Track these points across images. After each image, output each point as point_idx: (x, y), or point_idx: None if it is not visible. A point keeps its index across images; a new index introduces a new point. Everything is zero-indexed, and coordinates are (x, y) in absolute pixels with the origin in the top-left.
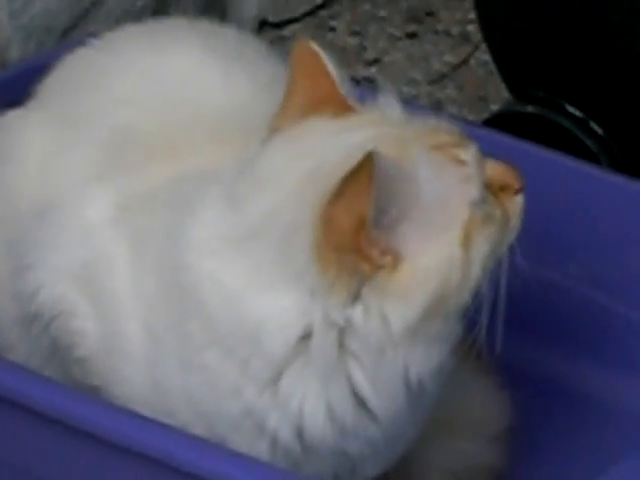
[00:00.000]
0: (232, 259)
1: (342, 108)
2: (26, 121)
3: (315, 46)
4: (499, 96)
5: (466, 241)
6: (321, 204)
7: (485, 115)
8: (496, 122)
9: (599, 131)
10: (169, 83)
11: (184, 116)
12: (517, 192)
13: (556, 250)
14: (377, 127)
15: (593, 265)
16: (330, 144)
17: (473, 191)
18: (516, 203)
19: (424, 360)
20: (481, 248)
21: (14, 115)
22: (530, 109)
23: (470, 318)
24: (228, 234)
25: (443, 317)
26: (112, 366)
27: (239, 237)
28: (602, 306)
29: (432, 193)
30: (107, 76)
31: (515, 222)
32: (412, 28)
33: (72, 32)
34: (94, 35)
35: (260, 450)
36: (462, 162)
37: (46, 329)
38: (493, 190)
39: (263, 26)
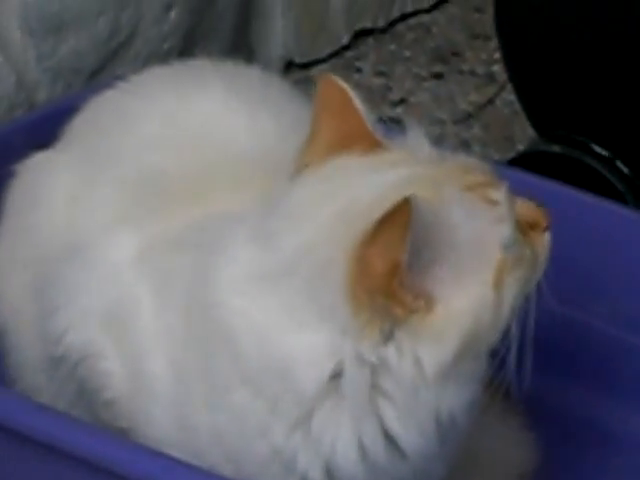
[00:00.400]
0: (263, 296)
1: (371, 144)
2: (53, 163)
3: (341, 82)
4: (525, 135)
5: (498, 282)
6: (355, 244)
7: (511, 154)
8: (522, 161)
9: (625, 170)
10: (193, 127)
11: (208, 160)
12: (545, 230)
13: (583, 289)
14: (408, 166)
15: (620, 304)
16: (362, 183)
17: (505, 231)
18: (544, 241)
19: (455, 399)
20: (512, 288)
21: (41, 157)
22: (556, 148)
23: (498, 357)
24: (259, 271)
25: (475, 357)
26: (139, 407)
27: (270, 274)
28: (631, 345)
29: (465, 235)
30: (133, 119)
31: (543, 259)
32: (438, 68)
33: (100, 74)
34: (121, 77)
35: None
36: (494, 202)
37: (73, 372)
38: (522, 228)
39: (289, 67)
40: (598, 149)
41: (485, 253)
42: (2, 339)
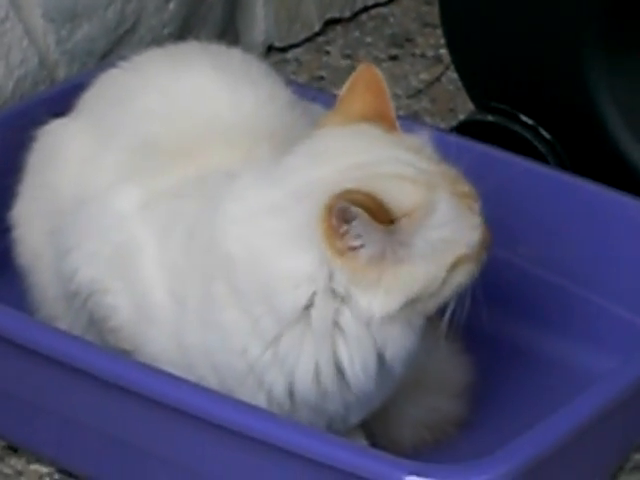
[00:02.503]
0: (263, 226)
1: (390, 126)
2: (68, 130)
3: (378, 71)
4: (466, 108)
5: (453, 268)
6: (333, 195)
7: (454, 123)
8: (463, 129)
9: (547, 136)
10: (184, 98)
11: (198, 125)
12: (486, 250)
13: (508, 236)
14: (418, 154)
15: (537, 248)
16: (378, 149)
17: (475, 236)
18: (484, 258)
19: (397, 344)
20: (459, 276)
21: (57, 124)
22: (490, 118)
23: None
24: (263, 205)
25: (416, 315)
26: (142, 332)
27: (273, 207)
28: (548, 282)
29: (445, 229)
30: (134, 93)
31: (477, 270)
32: (394, 52)
33: (109, 55)
34: (126, 58)
35: (259, 402)
36: (473, 211)
37: (84, 304)
38: None
39: (270, 50)
40: (524, 118)
41: (455, 246)
42: (26, 277)
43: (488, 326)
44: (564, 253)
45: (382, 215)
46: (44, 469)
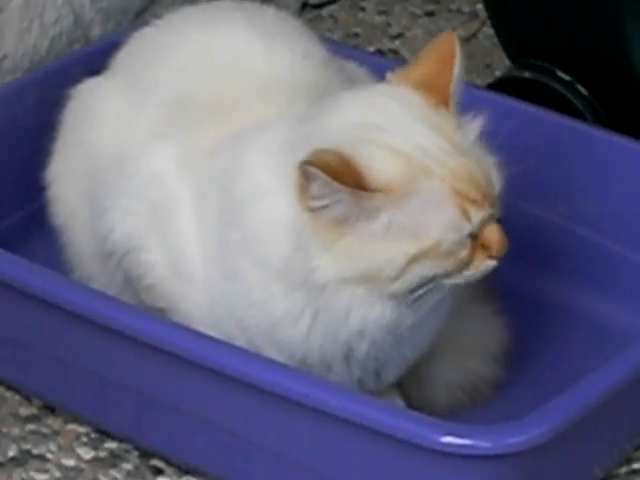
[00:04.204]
0: (268, 170)
1: (444, 102)
2: (103, 88)
3: (458, 44)
4: (502, 64)
5: (414, 259)
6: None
7: (490, 80)
8: (499, 86)
9: (584, 92)
10: (219, 55)
11: (233, 81)
12: (491, 257)
13: (546, 192)
14: (445, 138)
15: (575, 205)
16: (399, 118)
17: (450, 238)
18: (485, 264)
19: (364, 311)
20: (425, 269)
21: (92, 82)
22: (527, 74)
23: None
24: (272, 150)
25: (379, 290)
26: (176, 290)
27: (279, 152)
28: (583, 239)
29: (416, 218)
30: (168, 50)
31: (473, 274)
32: (430, 7)
33: (144, 14)
34: (159, 16)
35: (284, 361)
36: (467, 216)
37: (120, 263)
38: (476, 240)
39: (304, 7)
40: (561, 74)
41: (420, 239)
42: (61, 237)
43: (525, 284)
44: (602, 210)
45: (348, 179)
46: (81, 429)
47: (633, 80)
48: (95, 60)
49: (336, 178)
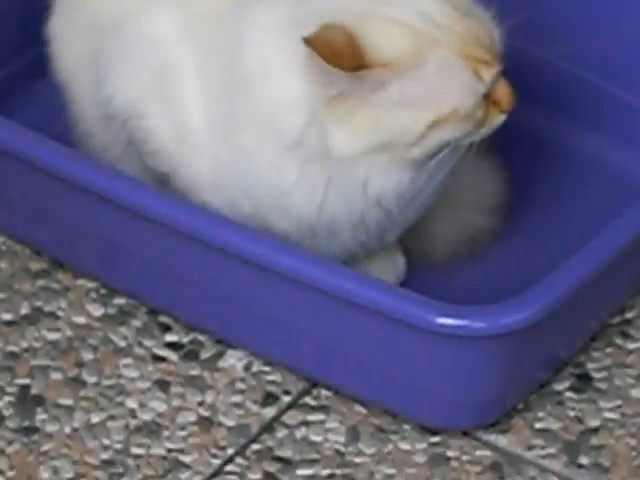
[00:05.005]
0: (276, 44)
1: None
2: None
3: None
4: None
5: (434, 124)
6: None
7: None
8: None
9: None
10: None
11: None
12: (502, 112)
13: (550, 32)
14: (448, 4)
15: (580, 46)
16: None
17: (468, 102)
18: (497, 119)
19: (382, 180)
20: (445, 134)
21: None
22: None
23: None
24: (280, 22)
25: (396, 157)
26: (181, 156)
27: (287, 26)
28: (583, 80)
29: (428, 86)
30: None
31: (487, 131)
32: None
33: None
34: None
35: (290, 229)
36: (479, 78)
37: (122, 126)
38: (488, 98)
39: None
40: None
41: (436, 106)
42: (64, 91)
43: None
44: (599, 52)
45: (349, 60)
46: (90, 284)
47: None
48: None
49: (335, 61)
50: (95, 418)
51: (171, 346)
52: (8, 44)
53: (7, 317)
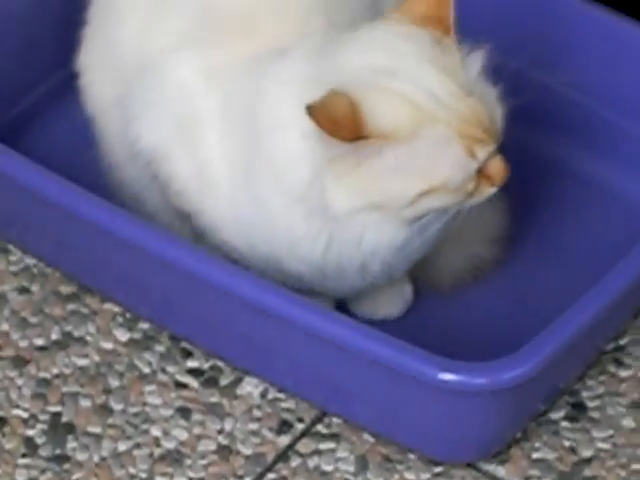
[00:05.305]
0: (293, 98)
1: (447, 33)
2: None
3: None
4: None
5: (424, 193)
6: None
7: None
8: None
9: None
10: None
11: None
12: (493, 186)
13: (552, 61)
14: (450, 76)
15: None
16: (409, 60)
17: (459, 177)
18: (488, 191)
19: (377, 236)
20: (434, 202)
21: None
22: None
23: None
24: (300, 78)
25: (390, 217)
26: (202, 198)
27: (307, 81)
28: (583, 106)
29: (421, 160)
30: None
31: (475, 201)
32: None
33: None
34: None
35: (304, 271)
36: (473, 155)
37: (147, 166)
38: (481, 172)
39: None
40: None
41: (428, 178)
42: (93, 123)
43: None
44: (595, 78)
45: (348, 130)
46: (116, 308)
47: None
48: None
49: (334, 132)
50: (122, 446)
51: (192, 372)
52: (41, 64)
53: (39, 342)
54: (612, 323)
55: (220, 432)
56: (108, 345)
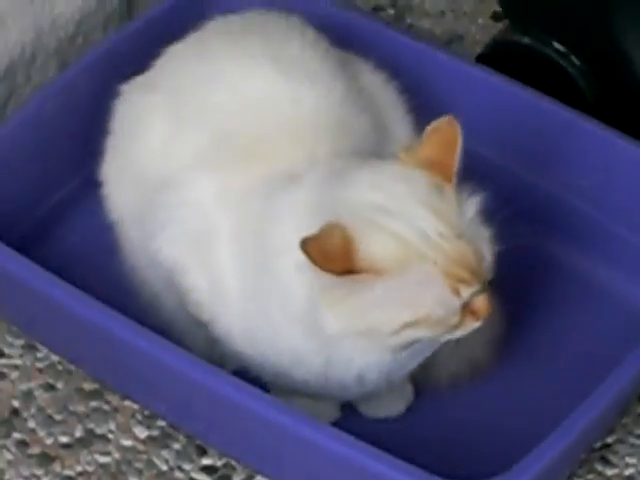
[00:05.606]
0: (297, 225)
1: (447, 180)
2: (147, 102)
3: (458, 127)
4: None
5: (409, 324)
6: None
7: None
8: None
9: (577, 62)
10: (250, 96)
11: (262, 124)
12: (478, 320)
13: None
14: (444, 221)
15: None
16: (407, 202)
17: (441, 312)
18: (472, 325)
19: (363, 358)
20: (418, 333)
21: (138, 92)
22: (526, 40)
23: None
24: (305, 206)
25: (375, 345)
26: (216, 310)
27: (310, 211)
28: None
29: (408, 295)
30: (203, 83)
31: (461, 333)
32: None
33: None
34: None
35: (306, 378)
36: (457, 294)
37: (167, 275)
38: (466, 307)
39: None
40: (557, 45)
41: (413, 311)
42: (115, 229)
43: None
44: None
45: (336, 265)
46: (135, 405)
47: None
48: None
49: (325, 266)
50: None
51: (206, 469)
52: (68, 162)
53: (64, 440)
54: (604, 428)
55: None
56: (128, 442)
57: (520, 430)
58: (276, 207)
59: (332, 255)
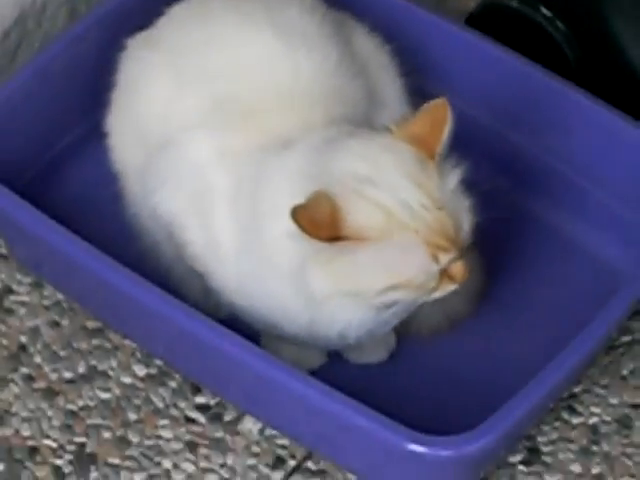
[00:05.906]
0: (290, 190)
1: (431, 158)
2: (150, 60)
3: (450, 112)
4: None
5: (391, 287)
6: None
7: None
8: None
9: (562, 27)
10: (250, 61)
11: (260, 89)
12: (454, 283)
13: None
14: (425, 192)
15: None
16: (392, 173)
17: (421, 277)
18: (449, 287)
19: (346, 316)
20: (399, 295)
21: (141, 48)
22: (514, 4)
23: None
24: (298, 173)
25: (360, 303)
26: (212, 263)
27: (302, 177)
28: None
29: (389, 261)
30: (203, 45)
31: (440, 294)
32: None
33: None
34: None
35: (296, 330)
36: (436, 261)
37: (166, 227)
38: (444, 272)
39: None
40: (545, 10)
41: (393, 276)
42: (119, 178)
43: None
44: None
45: (323, 232)
46: (134, 344)
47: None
48: None
49: (313, 233)
50: (137, 478)
51: (200, 408)
52: (75, 108)
53: (68, 375)
54: (574, 379)
55: (223, 466)
56: (127, 380)
57: (494, 379)
58: (269, 171)
59: (320, 223)
